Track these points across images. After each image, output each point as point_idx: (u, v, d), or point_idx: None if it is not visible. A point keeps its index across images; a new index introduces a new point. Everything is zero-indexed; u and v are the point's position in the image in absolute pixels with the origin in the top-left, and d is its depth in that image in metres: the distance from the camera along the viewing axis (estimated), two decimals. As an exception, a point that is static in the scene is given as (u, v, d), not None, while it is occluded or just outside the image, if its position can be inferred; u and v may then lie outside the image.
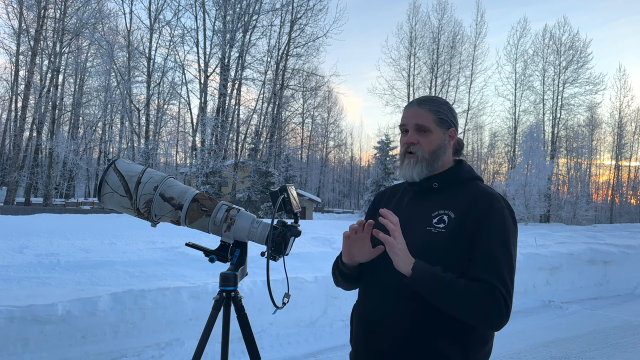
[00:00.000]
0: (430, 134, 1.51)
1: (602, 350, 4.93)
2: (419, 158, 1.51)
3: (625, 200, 49.31)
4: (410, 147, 1.52)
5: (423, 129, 1.51)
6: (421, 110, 1.52)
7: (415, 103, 1.56)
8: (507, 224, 1.44)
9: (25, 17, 32.19)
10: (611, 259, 8.32)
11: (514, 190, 30.37)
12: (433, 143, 1.51)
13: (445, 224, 1.45)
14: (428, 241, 1.44)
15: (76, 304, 3.67)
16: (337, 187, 72.70)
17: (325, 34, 42.28)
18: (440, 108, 1.53)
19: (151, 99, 31.59)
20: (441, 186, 1.53)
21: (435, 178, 1.53)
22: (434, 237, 1.44)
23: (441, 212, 1.47)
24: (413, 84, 40.97)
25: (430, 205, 1.51)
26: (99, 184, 2.04)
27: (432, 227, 1.46)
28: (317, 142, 61.29)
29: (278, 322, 4.68)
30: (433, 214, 1.48)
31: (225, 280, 2.02)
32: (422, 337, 1.42)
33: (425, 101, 1.55)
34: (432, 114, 1.51)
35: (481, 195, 1.49)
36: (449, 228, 1.44)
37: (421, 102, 1.54)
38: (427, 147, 1.51)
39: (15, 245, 6.04)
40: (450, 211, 1.46)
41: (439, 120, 1.52)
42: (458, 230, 1.43)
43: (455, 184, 1.53)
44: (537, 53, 41.02)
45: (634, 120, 47.96)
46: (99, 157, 45.42)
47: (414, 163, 1.52)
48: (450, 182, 1.54)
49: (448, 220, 1.45)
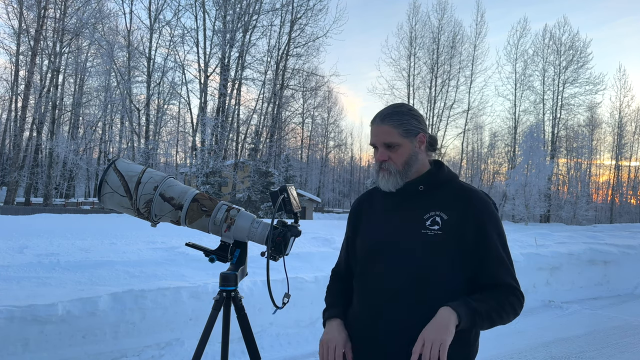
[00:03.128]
0: (399, 148, 1.54)
1: (602, 350, 4.93)
2: (392, 172, 1.55)
3: (625, 200, 49.35)
4: (383, 164, 1.56)
5: (391, 145, 1.54)
6: (385, 127, 1.54)
7: (378, 120, 1.57)
8: (498, 221, 1.54)
9: (25, 17, 32.20)
10: (611, 259, 8.32)
11: (514, 190, 30.39)
12: (403, 155, 1.55)
13: (439, 226, 1.48)
14: (426, 243, 1.47)
15: (76, 304, 3.67)
16: (337, 187, 72.70)
17: (325, 34, 42.28)
18: (402, 119, 1.54)
19: (151, 99, 31.61)
20: (426, 188, 1.57)
21: (418, 181, 1.57)
22: (432, 239, 1.47)
23: (432, 213, 1.51)
24: (413, 84, 41.03)
25: (420, 207, 1.54)
26: (99, 184, 2.04)
27: (427, 229, 1.48)
28: (317, 142, 61.30)
29: (278, 322, 4.68)
30: (425, 216, 1.51)
31: (226, 280, 2.02)
32: None
33: (387, 116, 1.56)
34: (397, 128, 1.53)
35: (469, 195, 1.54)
36: (444, 229, 1.47)
37: (384, 118, 1.56)
38: (399, 160, 1.55)
39: (15, 245, 6.04)
40: (442, 212, 1.50)
41: (404, 132, 1.54)
42: (455, 231, 1.47)
43: (439, 185, 1.58)
44: (537, 53, 41.06)
45: (634, 120, 48.05)
46: (99, 157, 45.43)
47: (388, 176, 1.55)
48: (434, 184, 1.57)
49: (442, 222, 1.48)
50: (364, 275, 1.59)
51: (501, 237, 1.52)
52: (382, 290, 1.51)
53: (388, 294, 1.49)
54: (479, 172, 46.32)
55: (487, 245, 1.48)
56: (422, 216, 1.51)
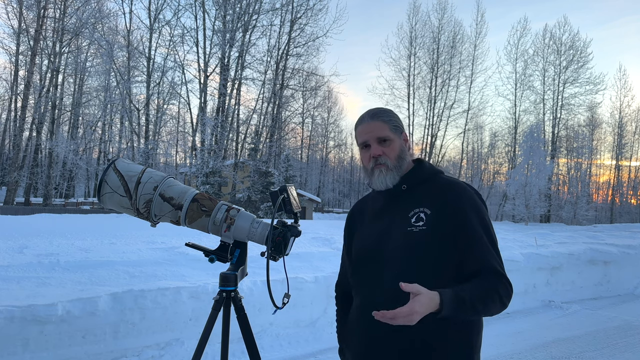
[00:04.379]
0: (391, 142, 1.59)
1: (602, 350, 4.93)
2: (389, 166, 1.57)
3: (626, 200, 49.32)
4: (379, 159, 1.58)
5: (384, 139, 1.58)
6: (377, 123, 1.59)
7: (367, 118, 1.61)
8: (480, 208, 1.52)
9: (25, 17, 32.16)
10: (611, 259, 8.32)
11: (514, 190, 30.37)
12: (396, 150, 1.59)
13: (424, 221, 1.49)
14: (411, 241, 1.47)
15: (76, 304, 3.67)
16: (337, 187, 72.66)
17: (325, 33, 42.39)
18: (391, 117, 1.61)
19: (151, 99, 31.61)
20: (409, 187, 1.59)
21: (402, 180, 1.59)
22: (417, 236, 1.47)
23: (416, 210, 1.52)
24: (413, 84, 40.98)
25: (405, 206, 1.55)
26: (98, 184, 2.04)
27: (412, 226, 1.49)
28: (317, 142, 61.31)
29: (278, 322, 4.68)
30: (410, 214, 1.52)
31: (225, 280, 2.02)
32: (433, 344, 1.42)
33: (376, 114, 1.61)
34: (387, 123, 1.59)
35: (449, 187, 1.55)
36: (428, 224, 1.48)
37: (374, 116, 1.61)
38: (393, 155, 1.58)
39: (15, 245, 6.04)
40: (425, 208, 1.51)
41: (393, 128, 1.60)
42: (437, 224, 1.48)
43: (422, 182, 1.59)
44: (537, 53, 41.01)
45: (634, 120, 47.97)
46: (99, 157, 45.43)
47: (386, 171, 1.57)
48: (417, 181, 1.59)
49: (425, 217, 1.49)
50: (356, 283, 1.63)
51: (484, 222, 1.49)
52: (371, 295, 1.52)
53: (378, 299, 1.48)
54: (479, 172, 46.27)
55: (469, 231, 1.46)
56: (408, 214, 1.52)
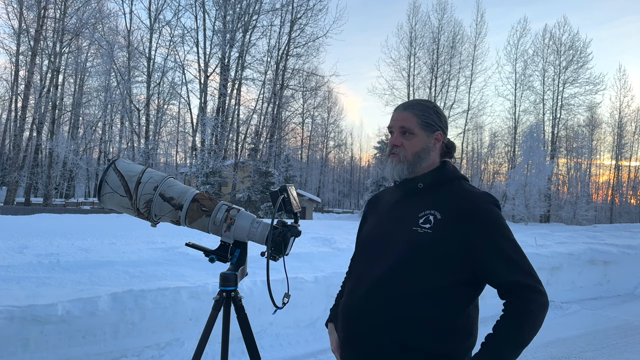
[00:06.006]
0: (413, 137, 1.56)
1: (602, 350, 4.92)
2: (401, 159, 1.56)
3: (625, 200, 49.28)
4: (394, 149, 1.58)
5: (407, 131, 1.56)
6: (406, 113, 1.57)
7: (401, 107, 1.61)
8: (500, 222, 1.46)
9: (25, 17, 32.16)
10: (611, 259, 8.32)
11: (514, 190, 30.38)
12: (416, 145, 1.56)
13: (431, 224, 1.46)
14: (413, 240, 1.46)
15: (76, 304, 3.67)
16: (337, 187, 72.65)
17: (325, 34, 42.50)
18: (425, 112, 1.57)
19: (151, 99, 31.62)
20: (426, 186, 1.56)
21: (419, 179, 1.57)
22: (420, 237, 1.46)
23: (427, 212, 1.50)
24: (413, 84, 40.98)
25: (417, 205, 1.54)
26: (99, 184, 2.04)
27: (418, 227, 1.48)
28: (317, 142, 61.31)
29: (278, 322, 4.68)
30: (419, 214, 1.51)
31: (225, 280, 2.02)
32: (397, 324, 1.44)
33: (411, 105, 1.59)
34: (417, 117, 1.56)
35: (466, 196, 1.50)
36: (435, 228, 1.45)
37: (407, 106, 1.59)
38: (410, 149, 1.56)
39: (15, 245, 6.03)
40: (436, 211, 1.48)
41: (423, 123, 1.56)
42: (446, 231, 1.44)
43: (440, 184, 1.56)
44: (537, 53, 41.02)
45: (634, 120, 47.99)
46: (99, 157, 45.42)
47: (396, 163, 1.57)
48: (435, 182, 1.56)
49: (434, 221, 1.47)
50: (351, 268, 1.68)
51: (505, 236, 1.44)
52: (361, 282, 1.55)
53: (366, 285, 1.52)
54: (479, 172, 46.23)
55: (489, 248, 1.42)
56: (418, 214, 1.51)
